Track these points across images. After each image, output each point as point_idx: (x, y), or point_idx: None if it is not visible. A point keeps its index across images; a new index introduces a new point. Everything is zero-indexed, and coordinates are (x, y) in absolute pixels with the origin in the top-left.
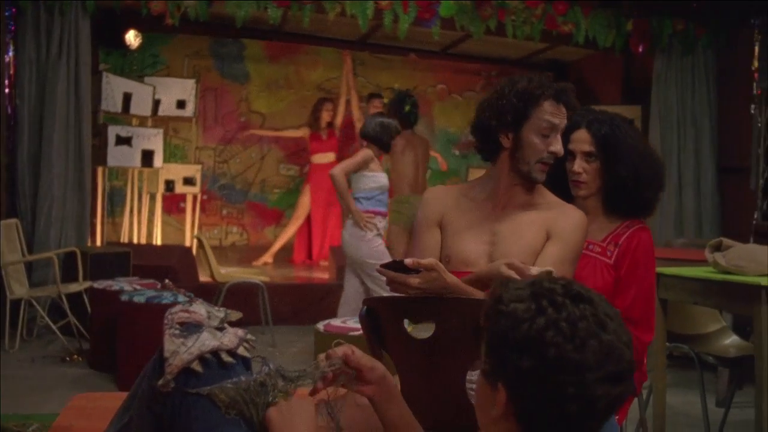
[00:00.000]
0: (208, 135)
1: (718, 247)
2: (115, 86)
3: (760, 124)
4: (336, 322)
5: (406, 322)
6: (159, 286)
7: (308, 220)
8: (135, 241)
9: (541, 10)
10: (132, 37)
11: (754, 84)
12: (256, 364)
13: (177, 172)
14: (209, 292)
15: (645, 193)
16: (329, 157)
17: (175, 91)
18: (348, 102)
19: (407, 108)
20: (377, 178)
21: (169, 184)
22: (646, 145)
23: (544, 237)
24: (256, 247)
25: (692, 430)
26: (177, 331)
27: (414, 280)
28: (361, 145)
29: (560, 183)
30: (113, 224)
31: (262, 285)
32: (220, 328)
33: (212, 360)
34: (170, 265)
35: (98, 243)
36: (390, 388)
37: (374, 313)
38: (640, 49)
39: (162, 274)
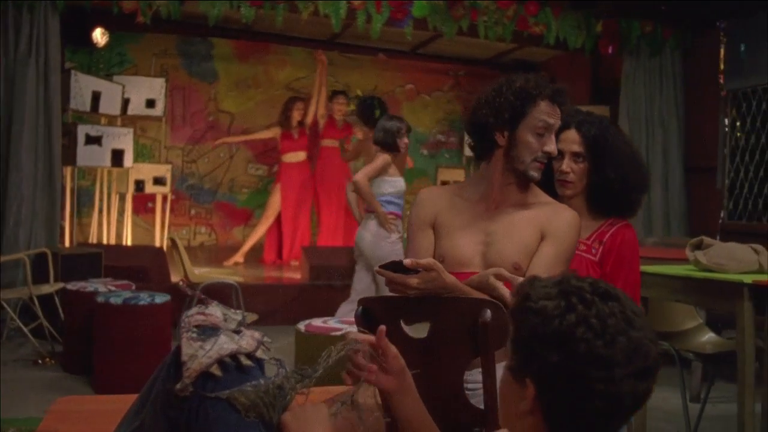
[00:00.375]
0: (176, 134)
1: (698, 246)
2: (83, 85)
3: (726, 125)
4: (317, 322)
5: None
6: (182, 285)
7: (278, 219)
8: (104, 241)
9: (512, 11)
10: (99, 35)
11: (720, 85)
12: (269, 365)
13: (147, 171)
14: (182, 293)
15: (631, 195)
16: (300, 156)
17: (145, 90)
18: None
19: (377, 113)
20: (395, 182)
21: (139, 184)
22: (632, 147)
23: (538, 236)
24: (225, 247)
25: (668, 424)
26: (194, 335)
27: (413, 280)
28: (375, 151)
29: (545, 182)
30: (80, 225)
31: (237, 285)
32: (237, 331)
33: (231, 363)
34: (142, 265)
35: (66, 244)
36: (408, 381)
37: (370, 313)
38: (610, 51)
39: (134, 274)
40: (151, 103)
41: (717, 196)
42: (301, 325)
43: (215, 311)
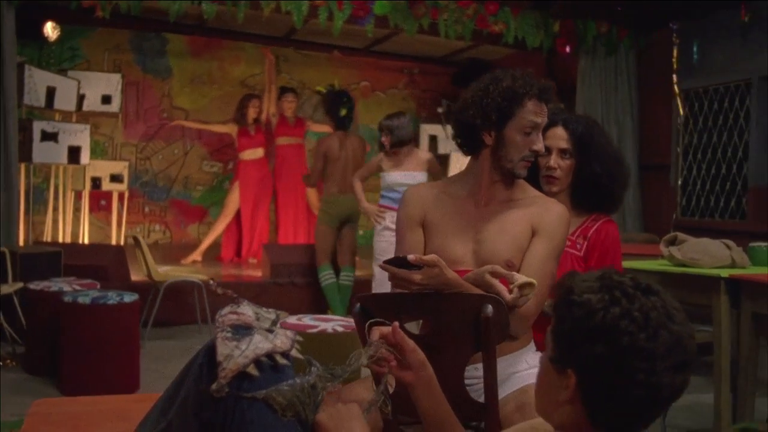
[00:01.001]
0: (130, 131)
1: (672, 242)
2: (38, 80)
3: (680, 124)
4: (291, 319)
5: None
6: (213, 284)
7: (237, 217)
8: (59, 240)
9: (472, 9)
10: (50, 29)
11: (674, 85)
12: (298, 364)
13: (103, 169)
14: (144, 292)
15: (616, 190)
16: (258, 153)
17: (100, 86)
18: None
19: (343, 112)
20: (384, 177)
21: (96, 182)
22: (614, 145)
23: (530, 233)
24: (180, 245)
25: None
26: (229, 334)
27: (416, 276)
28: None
29: (529, 176)
30: (33, 223)
31: (201, 283)
32: (270, 330)
33: (266, 363)
34: (103, 264)
35: (21, 242)
36: (429, 375)
37: (368, 310)
38: (567, 50)
39: (93, 273)
40: (107, 99)
41: (671, 193)
42: None
43: (247, 310)
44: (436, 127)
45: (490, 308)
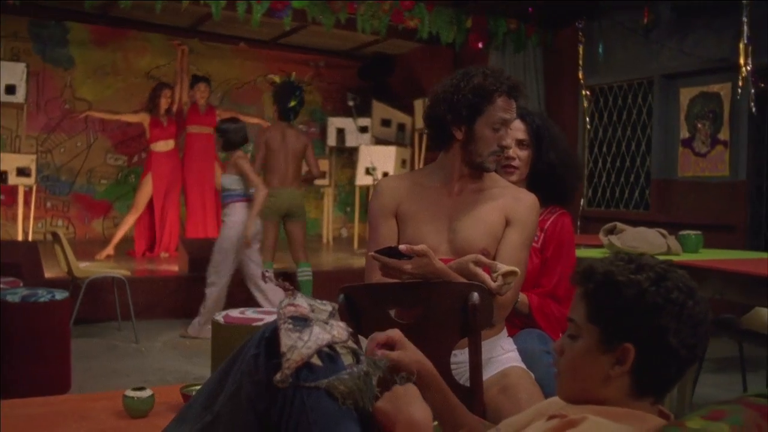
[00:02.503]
0: (30, 123)
1: (612, 231)
2: None
3: (587, 119)
4: (234, 313)
5: None
6: (268, 276)
7: (149, 210)
8: None
9: (388, 5)
10: None
11: (579, 82)
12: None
13: (10, 162)
14: (61, 288)
15: (570, 180)
16: (170, 144)
17: (4, 76)
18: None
19: (292, 103)
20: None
21: (2, 176)
22: (566, 139)
23: (503, 222)
24: (84, 240)
25: None
26: (290, 326)
27: (407, 265)
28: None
29: None
30: None
31: (125, 279)
32: (326, 321)
33: (325, 353)
34: (15, 261)
35: None
36: (425, 374)
37: (353, 301)
38: (480, 46)
39: (5, 270)
40: (10, 90)
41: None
42: (219, 317)
43: (302, 302)
44: (344, 120)
45: (476, 296)
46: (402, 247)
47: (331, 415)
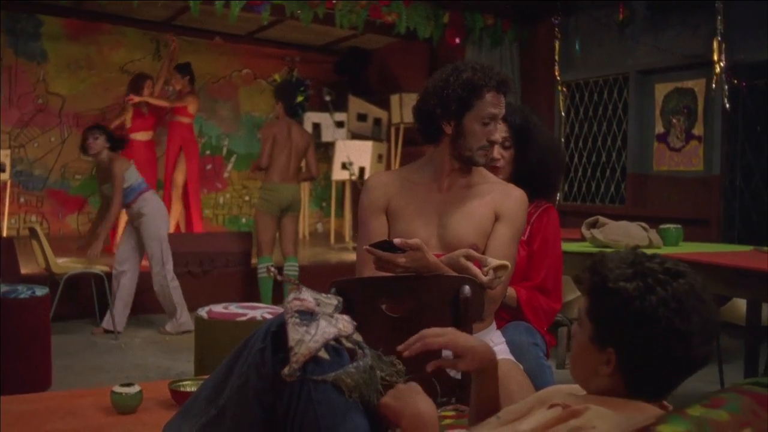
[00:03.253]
0: (3, 118)
1: (594, 224)
2: None
3: (563, 115)
4: (217, 308)
5: None
6: (272, 271)
7: None
8: None
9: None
10: None
11: (555, 77)
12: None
13: None
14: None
15: (552, 178)
16: (149, 134)
17: None
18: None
19: (300, 99)
20: None
21: None
22: (551, 135)
23: (492, 217)
24: (58, 236)
25: None
26: (297, 320)
27: (401, 258)
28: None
29: None
30: None
31: (103, 275)
32: (331, 315)
33: (332, 347)
34: None
35: None
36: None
37: (345, 295)
38: (457, 41)
39: None
40: None
41: None
42: (203, 312)
43: (308, 296)
44: (320, 115)
45: (468, 289)
46: (397, 240)
47: (338, 408)
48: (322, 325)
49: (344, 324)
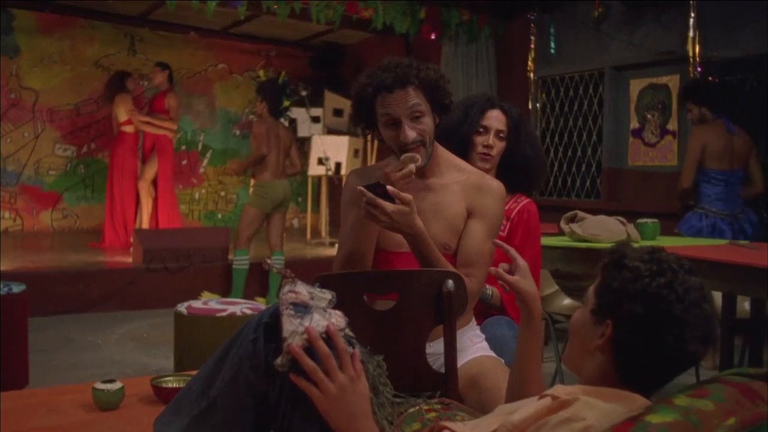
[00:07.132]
0: None
1: (572, 219)
2: None
3: (537, 109)
4: (197, 304)
5: None
6: (270, 264)
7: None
8: None
9: None
10: None
11: (531, 72)
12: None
13: None
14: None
15: (536, 177)
16: (134, 127)
17: None
18: None
19: (286, 103)
20: None
21: None
22: (537, 136)
23: (465, 214)
24: (32, 232)
25: None
26: (292, 312)
27: (390, 206)
28: None
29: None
30: None
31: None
32: (324, 309)
33: (324, 339)
34: None
35: None
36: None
37: (327, 288)
38: (433, 36)
39: None
40: None
41: None
42: (182, 308)
43: (302, 289)
44: (296, 110)
45: (451, 283)
46: (390, 188)
47: None
48: (316, 318)
49: (337, 318)
